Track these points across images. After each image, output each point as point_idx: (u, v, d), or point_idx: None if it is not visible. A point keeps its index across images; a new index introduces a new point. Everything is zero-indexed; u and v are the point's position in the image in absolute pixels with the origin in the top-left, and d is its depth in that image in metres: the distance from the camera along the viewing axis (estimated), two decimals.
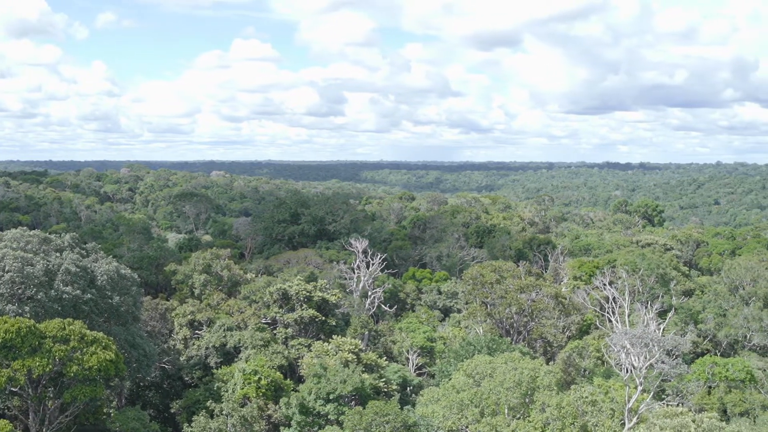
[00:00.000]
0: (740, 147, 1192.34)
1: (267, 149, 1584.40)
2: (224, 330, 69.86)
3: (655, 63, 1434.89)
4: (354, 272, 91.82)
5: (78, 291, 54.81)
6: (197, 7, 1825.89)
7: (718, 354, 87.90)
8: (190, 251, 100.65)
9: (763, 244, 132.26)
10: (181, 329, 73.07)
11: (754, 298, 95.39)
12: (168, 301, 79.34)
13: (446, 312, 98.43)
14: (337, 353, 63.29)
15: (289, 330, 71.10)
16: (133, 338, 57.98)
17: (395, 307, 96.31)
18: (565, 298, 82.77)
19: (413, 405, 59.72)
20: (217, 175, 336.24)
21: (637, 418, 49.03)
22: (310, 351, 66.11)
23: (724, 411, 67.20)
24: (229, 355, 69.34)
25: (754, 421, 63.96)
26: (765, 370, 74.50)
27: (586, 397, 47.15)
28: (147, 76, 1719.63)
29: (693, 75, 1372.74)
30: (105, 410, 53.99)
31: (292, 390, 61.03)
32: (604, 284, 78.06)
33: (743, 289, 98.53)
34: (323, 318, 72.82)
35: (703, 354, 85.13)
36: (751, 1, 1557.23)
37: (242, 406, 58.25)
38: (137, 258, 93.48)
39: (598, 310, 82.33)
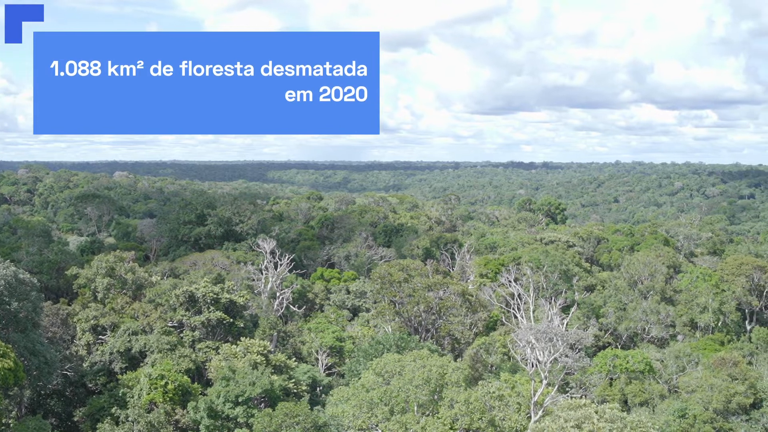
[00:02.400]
0: (638, 147, 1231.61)
1: (172, 149, 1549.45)
2: (129, 334, 68.35)
3: (557, 65, 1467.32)
4: (262, 273, 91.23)
5: None
6: (99, 3, 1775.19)
7: (619, 346, 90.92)
8: (93, 254, 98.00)
9: (659, 240, 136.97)
10: (83, 335, 71.18)
11: (651, 292, 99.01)
12: (70, 306, 77.14)
13: (355, 311, 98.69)
14: (245, 355, 62.73)
15: (196, 333, 70.08)
16: (33, 345, 56.22)
17: (304, 307, 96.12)
18: (472, 296, 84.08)
19: (323, 405, 59.78)
20: (120, 175, 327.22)
21: (543, 411, 50.30)
22: (218, 354, 65.31)
23: (625, 401, 69.48)
24: (134, 360, 67.91)
25: (653, 410, 66.40)
26: (663, 361, 77.29)
27: (494, 392, 48.07)
28: None
29: (593, 77, 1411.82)
30: (4, 420, 52.15)
31: (200, 394, 60.27)
32: (510, 281, 79.79)
33: (642, 283, 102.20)
34: (231, 320, 72.02)
35: (604, 347, 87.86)
36: (647, 6, 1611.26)
37: (149, 412, 57.17)
38: (36, 262, 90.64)
39: (504, 306, 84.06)
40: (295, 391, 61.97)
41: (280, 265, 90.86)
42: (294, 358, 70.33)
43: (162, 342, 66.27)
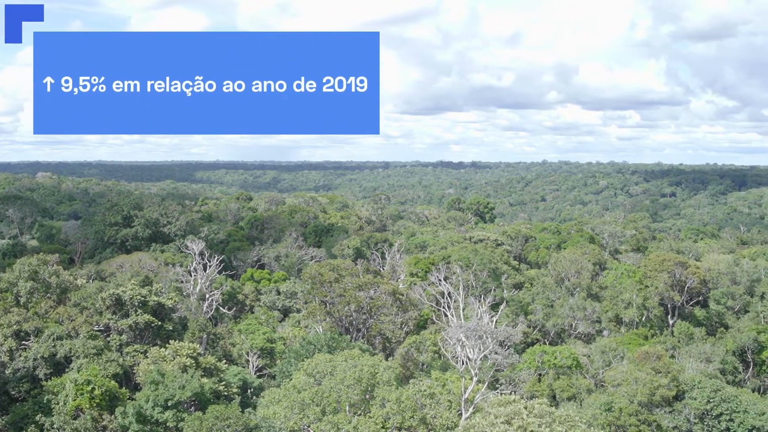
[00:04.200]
0: (564, 146, 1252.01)
1: (97, 149, 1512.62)
2: (54, 339, 66.73)
3: (485, 65, 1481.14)
4: (191, 275, 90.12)
5: None
6: None
7: (547, 343, 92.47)
8: (15, 257, 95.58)
9: (585, 237, 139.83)
10: (5, 340, 69.17)
11: (578, 289, 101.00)
12: None
13: (286, 312, 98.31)
14: (174, 358, 61.92)
15: (124, 336, 68.89)
16: None
17: (234, 309, 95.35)
18: (403, 295, 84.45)
19: (254, 407, 59.34)
20: (43, 176, 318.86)
21: (473, 408, 50.80)
22: (147, 357, 64.33)
23: (554, 396, 70.72)
24: (59, 366, 66.33)
25: (581, 405, 67.76)
26: (589, 356, 78.93)
27: (425, 391, 48.38)
28: None
29: (520, 78, 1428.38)
30: None
31: (129, 399, 59.25)
32: (440, 280, 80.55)
33: (568, 280, 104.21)
34: (159, 323, 71.02)
35: (533, 343, 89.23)
36: (573, 8, 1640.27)
37: (75, 419, 55.98)
38: None
39: (434, 305, 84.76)
40: (225, 393, 61.42)
41: (209, 266, 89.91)
42: (224, 361, 69.71)
43: (88, 346, 64.89)
